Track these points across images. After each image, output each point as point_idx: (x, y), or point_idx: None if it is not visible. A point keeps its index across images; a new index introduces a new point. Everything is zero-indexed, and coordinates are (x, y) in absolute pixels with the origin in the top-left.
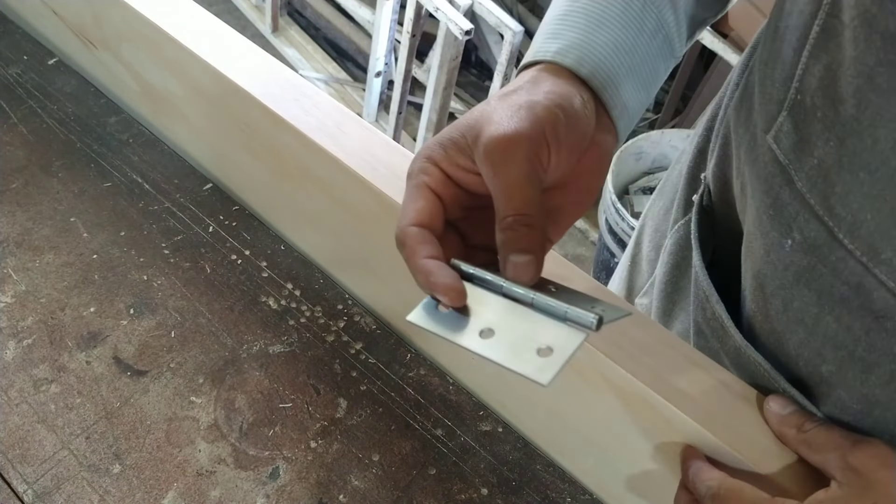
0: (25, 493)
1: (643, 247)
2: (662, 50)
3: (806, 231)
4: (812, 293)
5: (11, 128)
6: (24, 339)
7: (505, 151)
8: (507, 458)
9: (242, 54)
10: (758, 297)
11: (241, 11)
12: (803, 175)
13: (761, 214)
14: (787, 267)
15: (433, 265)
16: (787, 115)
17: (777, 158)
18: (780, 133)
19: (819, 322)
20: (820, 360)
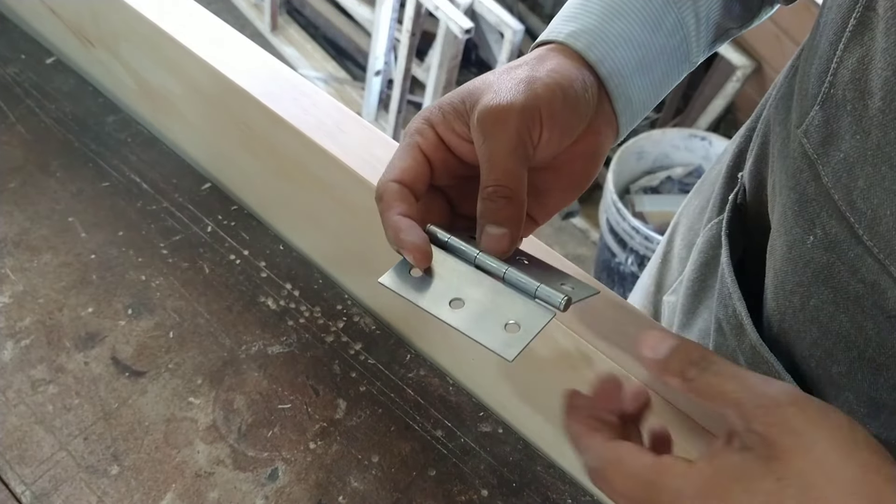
0: (23, 495)
1: (675, 244)
2: (679, 51)
3: (828, 227)
4: (829, 291)
5: (9, 127)
6: (21, 339)
7: (496, 121)
8: (508, 460)
9: (241, 53)
10: (778, 296)
11: (240, 10)
12: (829, 169)
13: (787, 210)
14: (807, 264)
15: (404, 223)
16: (820, 108)
17: (806, 153)
18: (810, 127)
19: (833, 321)
20: (831, 361)
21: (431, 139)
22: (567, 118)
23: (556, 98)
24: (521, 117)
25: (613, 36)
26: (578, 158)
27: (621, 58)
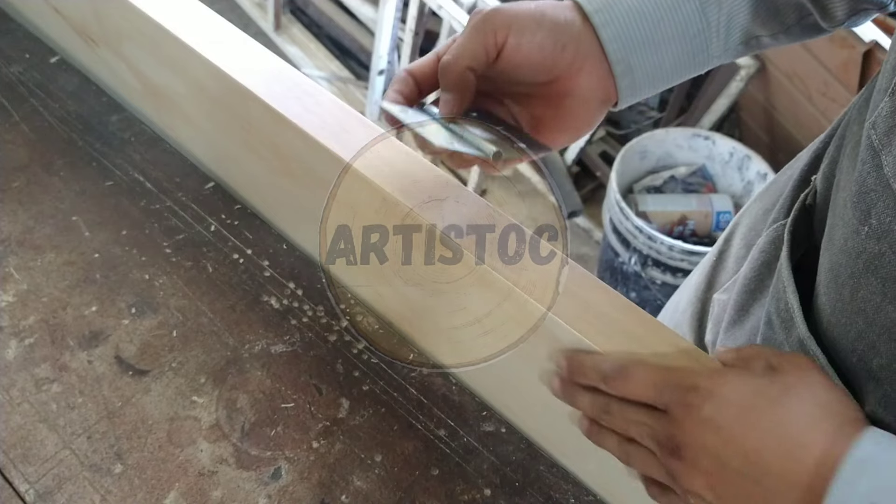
0: (27, 493)
1: (733, 244)
2: (696, 40)
3: (882, 217)
4: (877, 281)
5: (13, 126)
6: (25, 338)
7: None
8: (511, 459)
9: (244, 52)
10: (829, 289)
11: (244, 9)
12: (891, 159)
13: (846, 202)
14: (859, 255)
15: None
16: (889, 99)
17: (872, 144)
18: (878, 119)
19: (879, 312)
20: (873, 354)
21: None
22: (538, 37)
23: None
24: (488, 16)
25: (624, 8)
26: (571, 97)
27: (627, 28)
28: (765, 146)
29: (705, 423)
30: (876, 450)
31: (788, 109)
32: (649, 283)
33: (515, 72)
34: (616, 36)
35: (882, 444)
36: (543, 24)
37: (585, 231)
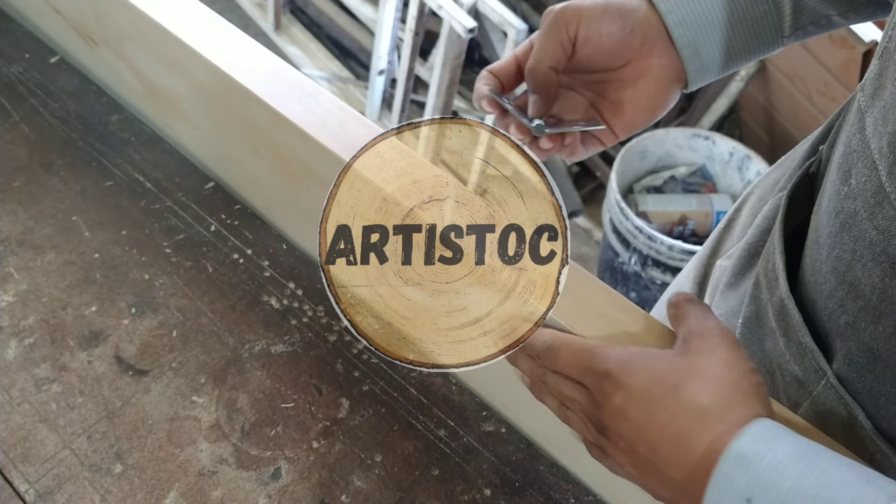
0: (27, 493)
1: (742, 213)
2: (765, 21)
3: (860, 176)
4: (850, 240)
5: (13, 126)
6: (25, 338)
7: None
8: (511, 459)
9: (244, 52)
10: (812, 250)
11: (244, 9)
12: (871, 119)
13: (832, 165)
14: (837, 214)
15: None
16: (878, 62)
17: (860, 106)
18: (867, 81)
19: (849, 270)
20: (841, 311)
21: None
22: (606, 24)
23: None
24: (559, 14)
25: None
26: (644, 77)
27: (692, 13)
28: (765, 146)
29: (617, 412)
30: (755, 446)
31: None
32: (649, 283)
33: (590, 61)
34: (682, 21)
35: (762, 439)
36: (609, 12)
37: (585, 231)
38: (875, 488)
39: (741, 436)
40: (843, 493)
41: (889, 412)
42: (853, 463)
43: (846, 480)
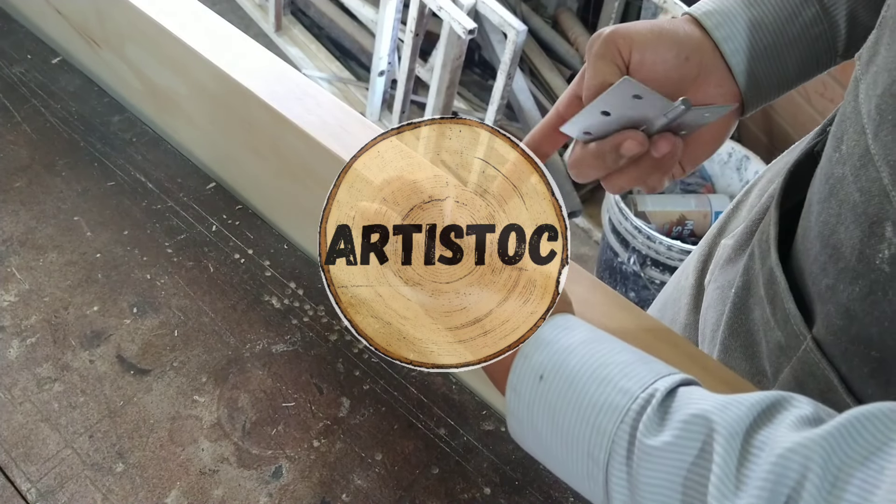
0: (29, 492)
1: (751, 195)
2: (819, 42)
3: (850, 141)
4: (836, 204)
5: (15, 127)
6: (27, 337)
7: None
8: (510, 458)
9: (246, 53)
10: (804, 218)
11: (245, 10)
12: (864, 85)
13: (830, 137)
14: (827, 180)
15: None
16: (876, 31)
17: (856, 75)
18: (864, 49)
19: (833, 233)
20: (823, 275)
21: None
22: (661, 51)
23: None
24: (609, 37)
25: (744, 20)
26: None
27: (748, 40)
28: (763, 147)
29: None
30: (553, 332)
31: (787, 110)
32: (648, 282)
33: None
34: (738, 49)
35: (559, 327)
36: (664, 38)
37: (585, 231)
38: (646, 367)
39: (543, 325)
40: (618, 370)
41: (862, 374)
42: (636, 350)
43: (624, 360)
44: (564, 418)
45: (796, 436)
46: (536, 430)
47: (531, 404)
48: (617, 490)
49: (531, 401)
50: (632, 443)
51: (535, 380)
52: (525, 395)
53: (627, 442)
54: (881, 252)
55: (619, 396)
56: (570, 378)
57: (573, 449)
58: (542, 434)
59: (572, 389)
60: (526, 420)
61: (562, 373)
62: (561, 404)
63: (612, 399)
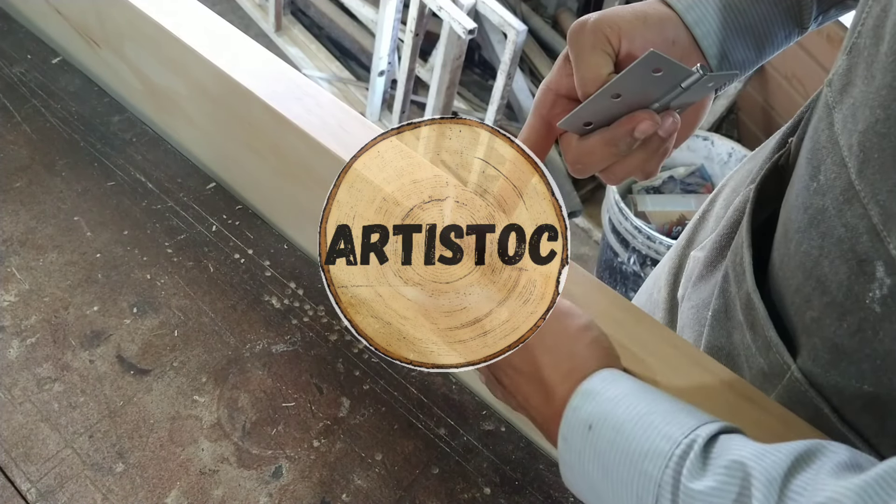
0: (29, 492)
1: (716, 205)
2: (787, 17)
3: (829, 172)
4: (818, 236)
5: (15, 127)
6: (27, 337)
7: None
8: (510, 458)
9: (245, 53)
10: (780, 245)
11: (245, 10)
12: (840, 116)
13: (801, 159)
14: (806, 209)
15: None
16: (846, 58)
17: (827, 102)
18: (835, 77)
19: (816, 267)
20: (807, 307)
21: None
22: (648, 36)
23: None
24: (596, 26)
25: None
26: None
27: (718, 22)
28: None
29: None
30: (600, 385)
31: (787, 110)
32: None
33: None
34: (709, 31)
35: (606, 380)
36: (649, 23)
37: (585, 231)
38: (688, 415)
39: (590, 380)
40: (661, 418)
41: (854, 407)
42: (679, 400)
43: (666, 409)
44: (613, 465)
45: (835, 484)
46: (588, 476)
47: (581, 453)
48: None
49: (581, 449)
50: (676, 486)
51: (585, 429)
52: (575, 445)
53: (672, 486)
54: (871, 291)
55: (664, 442)
56: (617, 426)
57: (623, 494)
58: (593, 480)
59: (620, 437)
60: (577, 467)
61: (609, 422)
62: (610, 452)
63: (657, 445)
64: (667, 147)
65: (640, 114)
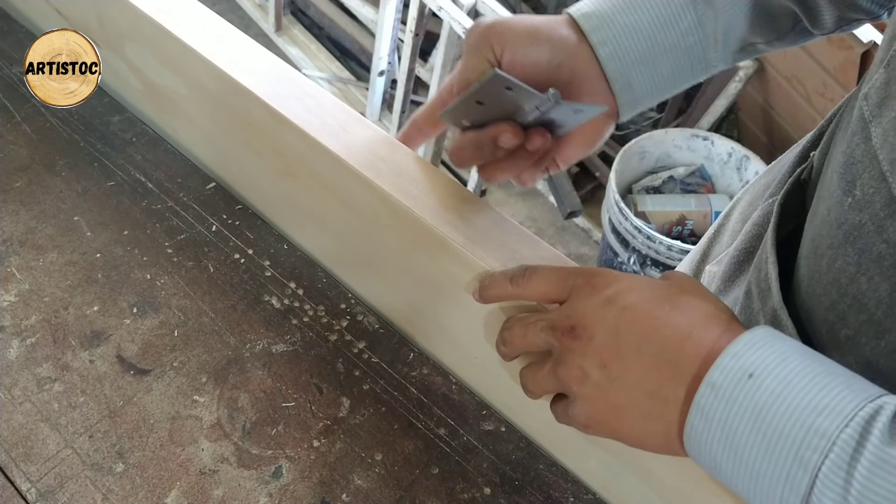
0: (29, 492)
1: (731, 218)
2: (693, 51)
3: (867, 188)
4: (855, 252)
5: (15, 126)
6: (27, 337)
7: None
8: (510, 458)
9: (246, 53)
10: (809, 260)
11: (245, 10)
12: (880, 130)
13: (833, 174)
14: (840, 225)
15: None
16: (884, 70)
17: (863, 115)
18: (871, 90)
19: (853, 283)
20: (842, 325)
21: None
22: (532, 53)
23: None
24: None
25: (621, 25)
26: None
27: (624, 45)
28: (763, 147)
29: (609, 302)
30: (766, 336)
31: (787, 110)
32: None
33: None
34: (614, 54)
35: (770, 334)
36: (538, 40)
37: (585, 231)
38: (868, 384)
39: (754, 330)
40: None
41: None
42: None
43: (846, 373)
44: (772, 417)
45: None
46: (730, 429)
47: (731, 402)
48: (827, 497)
49: (732, 398)
50: (860, 448)
51: (743, 377)
52: (726, 392)
53: (854, 446)
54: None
55: (844, 402)
56: (786, 379)
57: (774, 450)
58: (735, 434)
59: (788, 389)
60: (718, 419)
61: (777, 373)
62: (770, 402)
63: (836, 404)
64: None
65: (503, 125)
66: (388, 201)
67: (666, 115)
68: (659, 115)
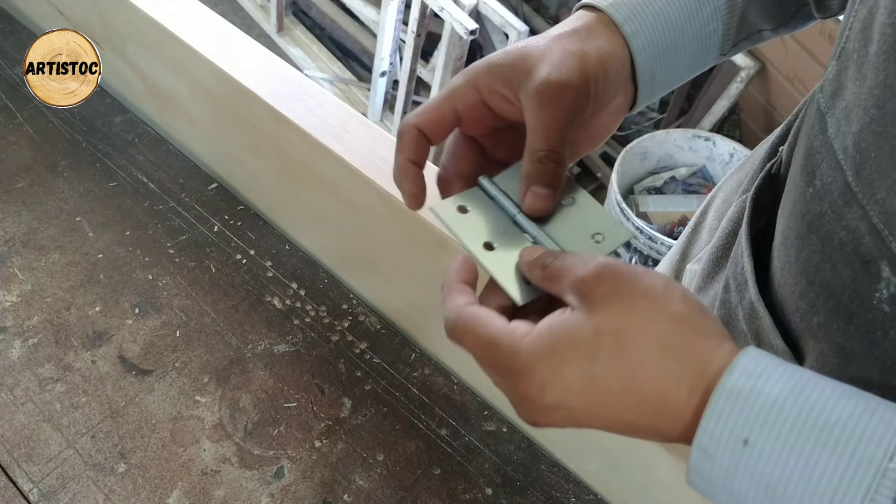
0: (31, 492)
1: (707, 216)
2: (711, 40)
3: (825, 177)
4: (818, 241)
5: (17, 127)
6: (29, 338)
7: (553, 96)
8: (512, 458)
9: (247, 54)
10: (780, 252)
11: (247, 11)
12: (833, 120)
13: (796, 166)
14: (804, 216)
15: (409, 169)
16: (836, 62)
17: (819, 108)
18: (825, 82)
19: (818, 271)
20: (812, 313)
21: (470, 100)
22: (607, 94)
23: (602, 78)
24: (577, 94)
25: (651, 13)
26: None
27: (654, 35)
28: None
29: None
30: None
31: (788, 110)
32: None
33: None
34: (645, 46)
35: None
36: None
37: None
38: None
39: (731, 371)
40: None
41: None
42: (853, 391)
43: (849, 415)
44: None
45: None
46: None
47: (731, 470)
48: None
49: (732, 466)
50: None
51: (738, 444)
52: (723, 461)
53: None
54: (878, 292)
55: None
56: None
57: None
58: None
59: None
60: (722, 484)
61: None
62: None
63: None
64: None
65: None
66: (388, 201)
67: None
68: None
